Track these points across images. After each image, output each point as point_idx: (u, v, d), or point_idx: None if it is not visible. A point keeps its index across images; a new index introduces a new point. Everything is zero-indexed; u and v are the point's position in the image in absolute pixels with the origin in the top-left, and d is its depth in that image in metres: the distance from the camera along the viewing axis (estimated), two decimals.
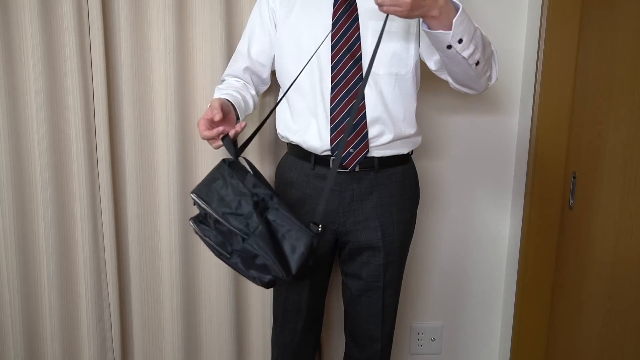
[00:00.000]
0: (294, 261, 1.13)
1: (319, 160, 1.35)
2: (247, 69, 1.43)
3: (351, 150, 1.31)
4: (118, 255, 1.64)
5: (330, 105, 1.30)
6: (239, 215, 1.13)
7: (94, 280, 1.62)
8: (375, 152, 1.33)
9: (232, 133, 1.19)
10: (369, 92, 1.29)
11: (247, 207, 1.13)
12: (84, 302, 1.64)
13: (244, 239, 1.13)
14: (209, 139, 1.18)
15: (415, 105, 1.37)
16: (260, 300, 1.72)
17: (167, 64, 1.54)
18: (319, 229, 1.15)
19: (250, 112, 1.42)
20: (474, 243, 1.88)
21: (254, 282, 1.16)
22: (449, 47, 1.12)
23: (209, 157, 1.63)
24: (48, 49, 1.49)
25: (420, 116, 1.41)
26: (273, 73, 1.48)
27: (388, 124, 1.31)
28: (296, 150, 1.40)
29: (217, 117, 1.15)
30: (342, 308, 1.53)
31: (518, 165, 1.81)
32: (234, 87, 1.38)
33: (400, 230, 1.39)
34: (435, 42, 1.14)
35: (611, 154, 1.40)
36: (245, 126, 1.21)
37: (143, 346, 1.72)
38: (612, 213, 1.39)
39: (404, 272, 1.48)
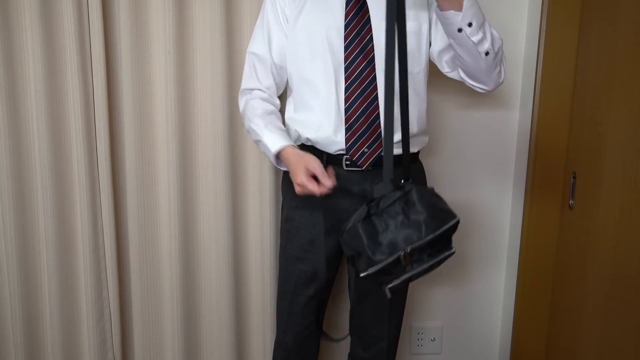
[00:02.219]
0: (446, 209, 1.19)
1: (331, 159, 1.35)
2: (273, 82, 1.42)
3: (365, 150, 1.32)
4: (118, 255, 1.64)
5: (345, 105, 1.31)
6: (413, 222, 1.13)
7: (94, 280, 1.62)
8: None
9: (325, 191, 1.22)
10: (381, 91, 1.29)
11: (414, 215, 1.14)
12: (84, 302, 1.64)
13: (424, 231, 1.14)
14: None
15: (425, 104, 1.39)
16: (260, 301, 1.72)
17: (167, 64, 1.54)
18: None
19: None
20: (473, 243, 1.88)
21: (440, 263, 1.18)
22: (460, 30, 1.18)
23: (209, 157, 1.63)
24: (48, 49, 1.49)
25: None
26: None
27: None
28: (309, 151, 1.39)
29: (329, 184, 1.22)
30: (346, 308, 1.53)
31: (518, 165, 1.81)
32: (272, 116, 1.39)
33: None
34: (446, 26, 1.20)
35: (611, 154, 1.40)
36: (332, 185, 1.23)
37: (143, 346, 1.72)
38: (612, 213, 1.39)
39: None
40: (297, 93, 1.39)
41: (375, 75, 1.29)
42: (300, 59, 1.35)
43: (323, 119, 1.34)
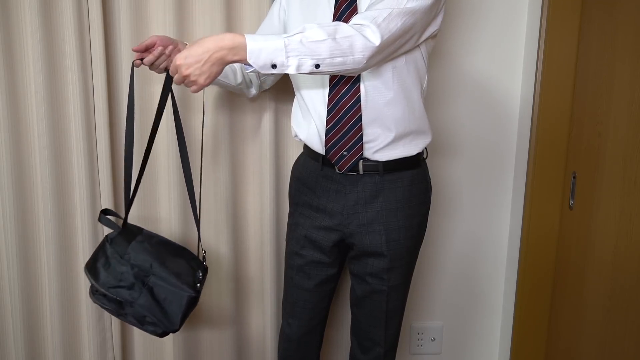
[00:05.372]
0: (177, 318, 1.32)
1: (326, 161, 1.35)
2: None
3: (344, 153, 1.30)
4: None
5: (327, 106, 1.30)
6: (123, 287, 1.30)
7: None
8: (378, 156, 1.32)
9: (136, 62, 1.28)
10: (364, 90, 1.27)
11: (129, 279, 1.30)
12: (84, 301, 1.64)
13: (131, 305, 1.30)
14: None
15: (419, 96, 1.32)
16: (260, 300, 1.73)
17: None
18: (200, 276, 1.38)
19: (235, 82, 1.46)
20: (474, 243, 1.88)
21: (152, 334, 1.35)
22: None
23: (209, 157, 1.63)
24: (48, 49, 1.49)
25: None
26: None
27: (388, 123, 1.29)
28: (308, 151, 1.42)
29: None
30: (349, 308, 1.53)
31: (518, 165, 1.81)
32: None
33: (407, 235, 1.37)
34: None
35: (611, 154, 1.40)
36: (152, 52, 1.27)
37: (143, 346, 1.72)
38: (612, 213, 1.39)
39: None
40: (295, 91, 1.40)
41: (359, 77, 1.27)
42: None
43: (310, 119, 1.35)
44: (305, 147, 1.43)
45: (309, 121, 1.36)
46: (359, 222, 1.35)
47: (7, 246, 1.57)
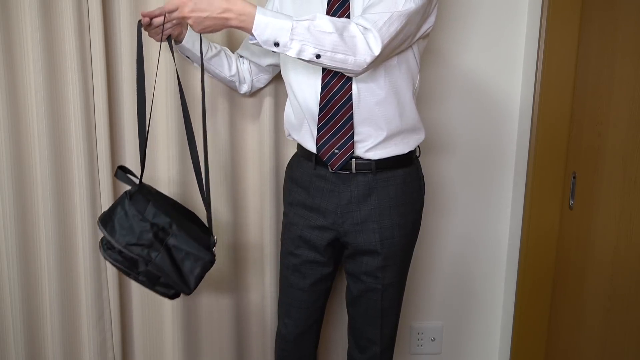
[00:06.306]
0: (192, 280, 1.31)
1: (319, 160, 1.35)
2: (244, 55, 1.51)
3: (336, 151, 1.31)
4: None
5: (319, 105, 1.30)
6: (141, 245, 1.27)
7: (94, 280, 1.62)
8: (371, 154, 1.32)
9: (144, 20, 1.28)
10: (356, 89, 1.27)
11: (148, 238, 1.27)
12: (84, 301, 1.64)
13: (147, 264, 1.28)
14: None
15: (411, 96, 1.33)
16: (260, 300, 1.73)
17: (167, 63, 1.54)
18: (215, 241, 1.34)
19: (229, 74, 1.48)
20: (474, 243, 1.88)
21: (161, 295, 1.34)
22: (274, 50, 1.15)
23: (210, 156, 1.63)
24: (48, 49, 1.49)
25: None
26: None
27: (379, 122, 1.30)
28: (301, 150, 1.42)
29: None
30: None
31: (518, 165, 1.81)
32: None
33: (401, 233, 1.38)
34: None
35: (611, 154, 1.40)
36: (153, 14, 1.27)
37: (143, 346, 1.72)
38: (612, 213, 1.39)
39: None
40: (287, 90, 1.40)
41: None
42: (283, 57, 1.36)
43: (303, 118, 1.35)
44: (299, 146, 1.44)
45: (301, 120, 1.36)
46: (352, 221, 1.35)
47: (7, 246, 1.57)
